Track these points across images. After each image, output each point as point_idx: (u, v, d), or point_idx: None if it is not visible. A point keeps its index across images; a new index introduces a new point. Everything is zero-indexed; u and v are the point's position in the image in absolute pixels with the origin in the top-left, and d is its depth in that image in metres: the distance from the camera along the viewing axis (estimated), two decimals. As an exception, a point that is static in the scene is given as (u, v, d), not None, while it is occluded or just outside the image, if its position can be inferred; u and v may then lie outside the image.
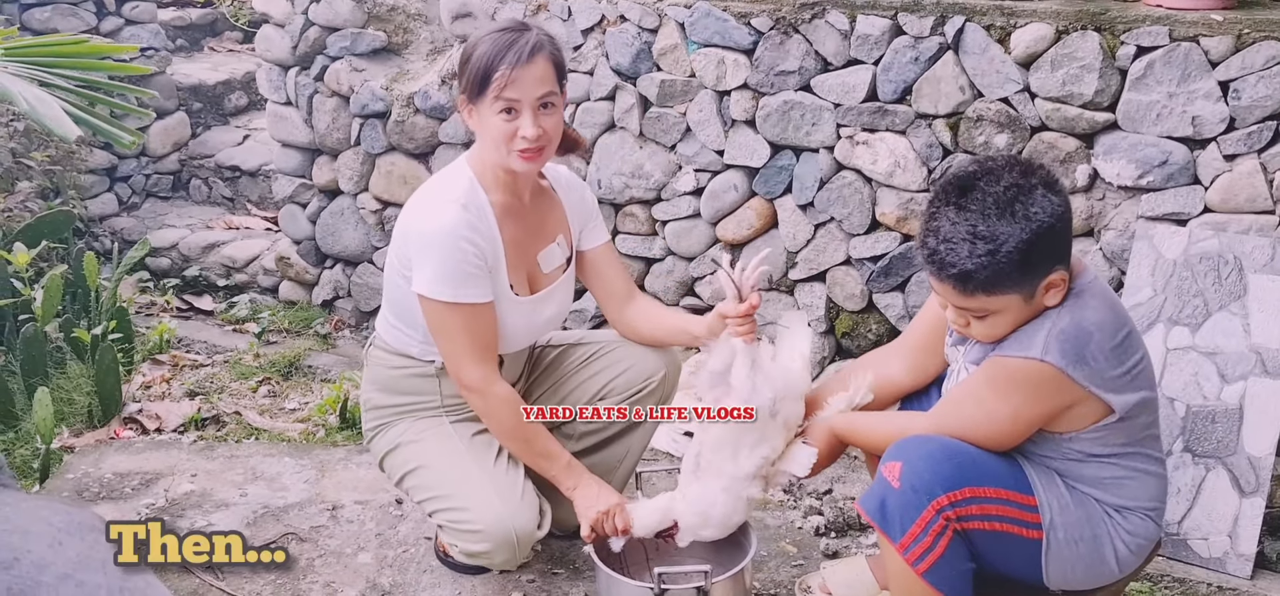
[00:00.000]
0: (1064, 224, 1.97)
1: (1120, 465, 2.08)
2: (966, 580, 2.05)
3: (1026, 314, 2.02)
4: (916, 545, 2.00)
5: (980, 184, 1.97)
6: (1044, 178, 1.98)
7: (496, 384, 2.42)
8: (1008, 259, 1.92)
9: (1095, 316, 1.99)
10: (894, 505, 2.01)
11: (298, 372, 4.08)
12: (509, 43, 2.28)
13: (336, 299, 4.59)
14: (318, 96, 4.32)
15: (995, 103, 3.10)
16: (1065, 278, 1.99)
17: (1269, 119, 2.80)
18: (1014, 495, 2.04)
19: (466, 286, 2.34)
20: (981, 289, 1.97)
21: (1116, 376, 1.99)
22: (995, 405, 2.05)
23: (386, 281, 2.56)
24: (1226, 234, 2.85)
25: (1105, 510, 2.09)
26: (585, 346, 2.71)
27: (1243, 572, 2.70)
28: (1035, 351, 1.97)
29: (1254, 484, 2.72)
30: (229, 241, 4.98)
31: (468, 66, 2.33)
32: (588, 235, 2.62)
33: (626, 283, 2.65)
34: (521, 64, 2.27)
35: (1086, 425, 2.04)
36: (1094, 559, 2.09)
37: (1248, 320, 2.78)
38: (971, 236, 1.93)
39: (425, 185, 2.51)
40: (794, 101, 3.37)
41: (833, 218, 3.42)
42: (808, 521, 2.93)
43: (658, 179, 3.68)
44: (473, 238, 2.34)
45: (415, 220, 2.40)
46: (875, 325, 3.44)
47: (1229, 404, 2.77)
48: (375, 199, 4.33)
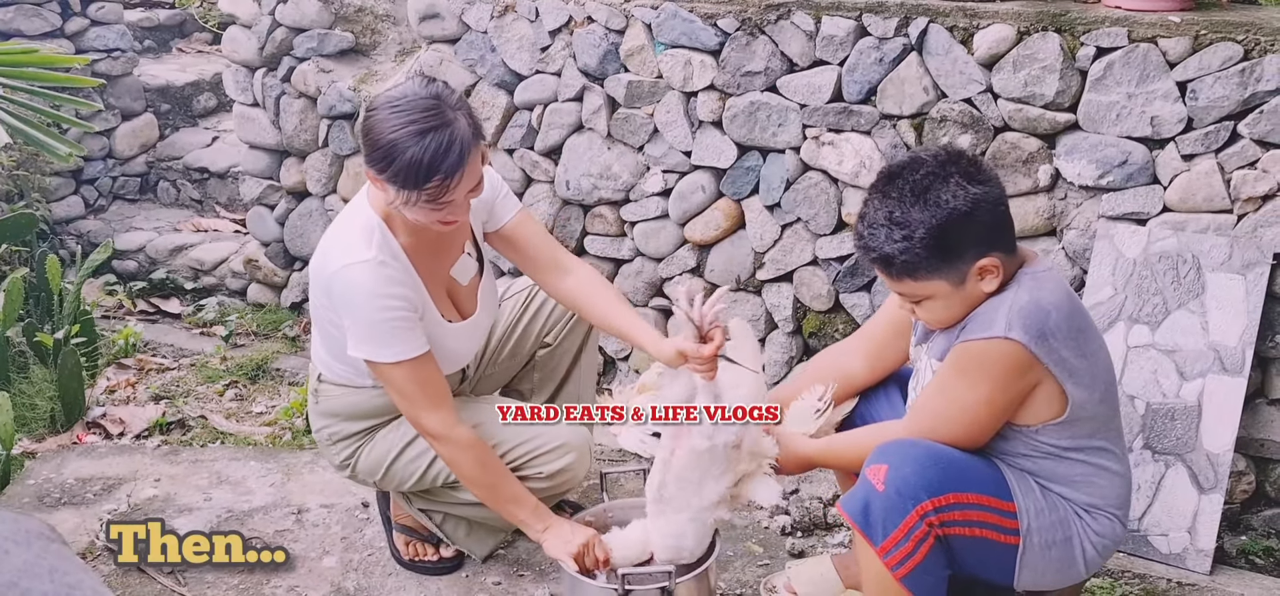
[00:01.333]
0: (985, 211, 2.00)
1: (1088, 462, 2.11)
2: (942, 585, 2.07)
3: (965, 299, 2.06)
4: (898, 549, 2.01)
5: (903, 173, 2.05)
6: (964, 168, 2.03)
7: (457, 428, 2.40)
8: (921, 243, 1.99)
9: (1052, 297, 2.03)
10: (878, 508, 2.02)
11: (265, 376, 4.06)
12: (442, 147, 2.15)
13: (305, 301, 4.56)
14: (285, 97, 4.30)
15: (959, 103, 3.12)
16: (997, 264, 2.02)
17: (1226, 119, 2.83)
18: (995, 501, 2.06)
19: (405, 342, 2.31)
20: (903, 273, 2.04)
21: (1072, 359, 2.02)
22: (966, 394, 2.07)
23: (317, 323, 2.51)
24: (1185, 233, 2.88)
25: (1076, 510, 2.11)
26: (511, 298, 2.72)
27: (1202, 568, 2.73)
28: (998, 330, 2.00)
29: (1213, 480, 2.75)
30: (197, 244, 4.95)
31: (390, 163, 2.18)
32: (496, 215, 2.54)
33: (552, 249, 2.56)
34: (458, 172, 2.19)
35: (1049, 416, 2.06)
36: (1065, 561, 2.11)
37: (1206, 318, 2.82)
38: (889, 222, 2.02)
39: (333, 235, 2.42)
40: (760, 102, 3.39)
41: (799, 218, 3.43)
42: (774, 521, 2.95)
43: (626, 180, 3.68)
44: (397, 292, 2.31)
45: (335, 280, 2.33)
46: (842, 325, 3.46)
47: (1188, 401, 2.80)
48: (344, 200, 4.30)
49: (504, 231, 2.56)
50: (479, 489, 2.46)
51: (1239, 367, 2.76)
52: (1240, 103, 2.80)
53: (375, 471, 2.57)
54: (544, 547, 2.39)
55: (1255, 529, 2.93)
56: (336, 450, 2.60)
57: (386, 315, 2.30)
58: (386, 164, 2.20)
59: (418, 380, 2.35)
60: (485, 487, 2.45)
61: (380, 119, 2.22)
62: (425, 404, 2.37)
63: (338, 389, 2.55)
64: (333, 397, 2.56)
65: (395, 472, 2.56)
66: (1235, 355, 2.77)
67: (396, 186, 2.22)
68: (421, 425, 2.42)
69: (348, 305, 2.33)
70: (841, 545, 2.87)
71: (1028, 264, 2.09)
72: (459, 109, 2.24)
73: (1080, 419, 2.06)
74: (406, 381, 2.35)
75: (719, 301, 2.22)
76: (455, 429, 2.40)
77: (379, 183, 2.25)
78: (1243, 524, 2.95)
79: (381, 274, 2.30)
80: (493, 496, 2.46)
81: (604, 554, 2.35)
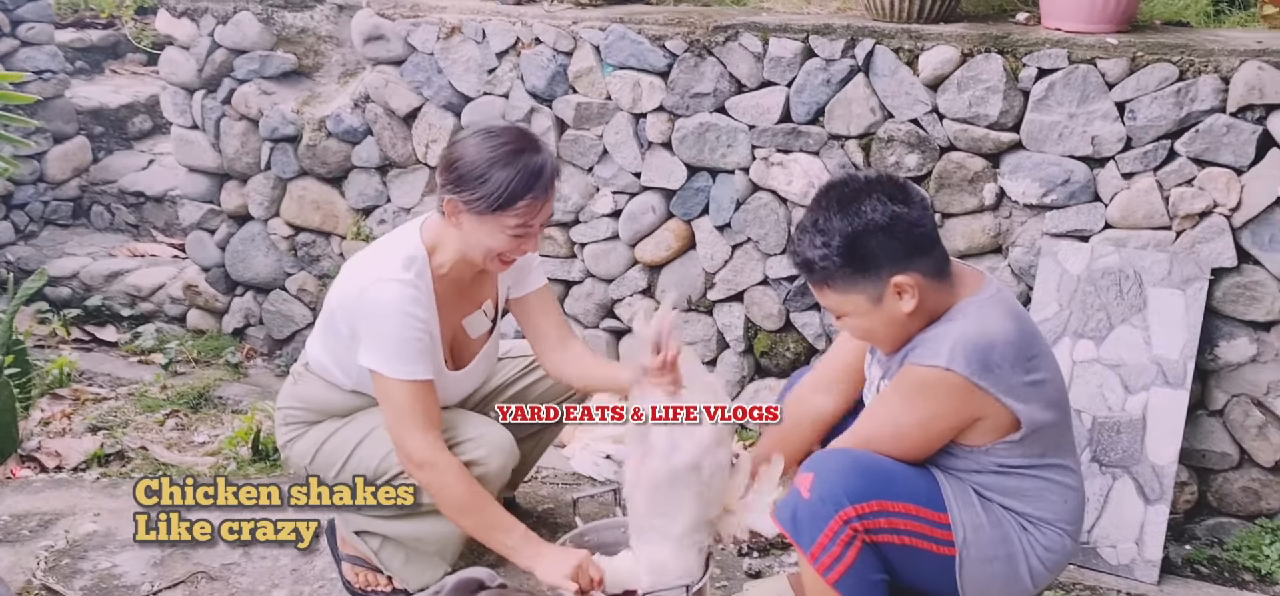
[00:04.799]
0: (901, 228, 2.04)
1: (1037, 477, 2.13)
2: (878, 590, 2.07)
3: (885, 318, 2.09)
4: (826, 554, 2.03)
5: (836, 187, 2.12)
6: (889, 188, 2.08)
7: (442, 453, 2.41)
8: (837, 251, 2.05)
9: (1000, 326, 2.04)
10: (804, 515, 2.05)
11: (207, 404, 3.96)
12: (534, 172, 2.31)
13: (248, 327, 4.48)
14: (225, 120, 4.22)
15: (905, 124, 3.17)
16: (916, 283, 2.05)
17: (1163, 138, 2.90)
18: (925, 511, 2.08)
19: (418, 364, 2.39)
20: (822, 280, 2.10)
21: (1023, 384, 2.04)
22: (905, 414, 2.10)
23: (328, 322, 2.55)
24: (1127, 249, 2.95)
25: (1022, 523, 2.13)
26: (513, 360, 2.80)
27: (1150, 578, 2.78)
28: (941, 360, 2.02)
29: (1158, 491, 2.81)
30: (133, 269, 4.83)
31: (480, 184, 2.31)
32: (524, 281, 2.66)
33: (560, 328, 2.69)
34: (546, 194, 2.34)
35: (997, 437, 2.08)
36: (1009, 577, 2.13)
37: (1149, 332, 2.88)
38: (813, 228, 2.09)
39: (374, 249, 2.54)
40: (709, 123, 3.40)
41: (749, 238, 3.45)
42: (733, 543, 2.94)
43: (575, 201, 3.67)
44: (422, 316, 2.40)
45: (368, 290, 2.41)
46: (793, 344, 3.48)
47: (1133, 414, 2.86)
48: (287, 224, 4.24)
49: (528, 298, 2.66)
50: (465, 515, 2.43)
51: (1181, 380, 2.82)
52: (1176, 122, 2.88)
53: (306, 455, 2.62)
54: (536, 574, 2.35)
55: (1199, 538, 3.00)
56: (286, 430, 2.67)
57: (409, 334, 2.37)
58: (477, 184, 2.31)
59: (416, 403, 2.40)
60: (472, 513, 2.42)
61: (471, 144, 2.35)
62: (418, 425, 2.40)
63: (318, 381, 2.61)
64: (310, 386, 2.63)
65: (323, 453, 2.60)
66: (1177, 368, 2.83)
67: (482, 208, 2.32)
68: (406, 448, 2.41)
69: (374, 317, 2.39)
70: (797, 565, 2.87)
71: (975, 291, 2.11)
72: (543, 143, 2.39)
73: (1034, 437, 2.09)
74: (408, 401, 2.39)
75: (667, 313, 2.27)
76: (442, 453, 2.41)
77: (458, 210, 2.36)
78: (1186, 533, 3.02)
79: (412, 295, 2.39)
80: (479, 521, 2.43)
81: (598, 574, 2.34)
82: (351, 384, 2.57)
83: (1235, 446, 2.96)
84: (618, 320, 3.73)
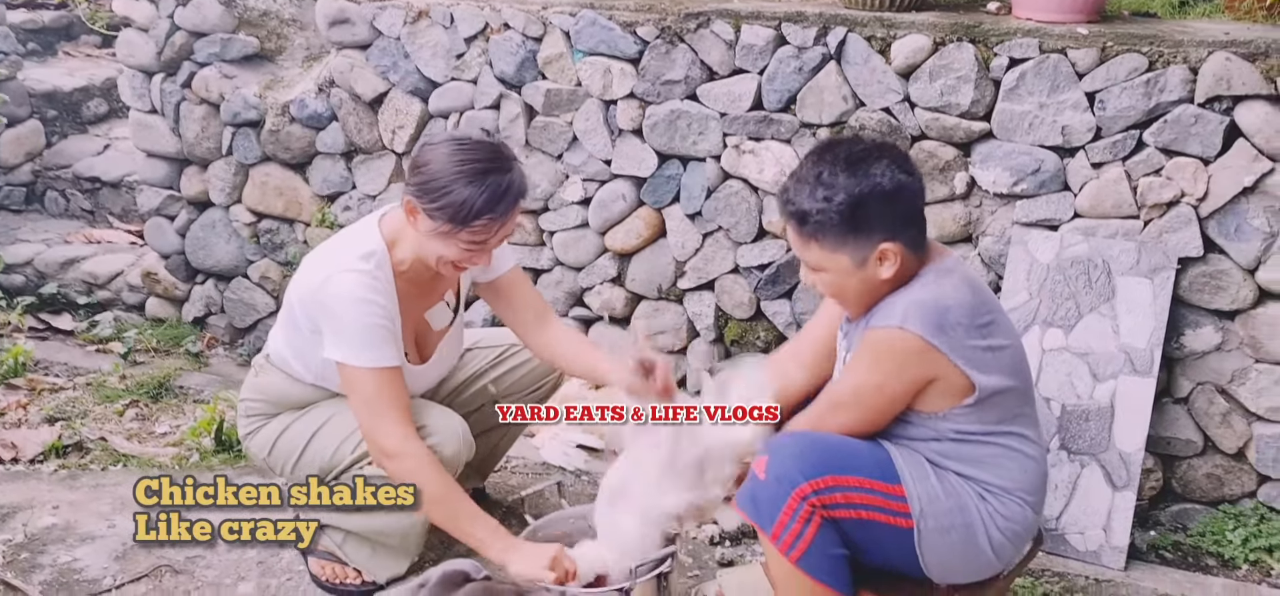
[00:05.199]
0: (903, 199, 2.07)
1: (995, 444, 2.15)
2: (840, 565, 2.08)
3: (862, 281, 2.11)
4: (786, 533, 2.04)
5: (842, 144, 2.13)
6: (896, 156, 2.10)
7: (414, 442, 2.40)
8: (838, 209, 2.05)
9: (954, 294, 2.08)
10: (763, 497, 2.07)
11: (168, 394, 3.89)
12: (498, 194, 2.28)
13: (209, 315, 4.40)
14: (185, 104, 4.14)
15: (877, 112, 3.17)
16: (899, 251, 2.07)
17: (1132, 128, 2.93)
18: (879, 485, 2.09)
19: (382, 350, 2.37)
20: (813, 235, 2.10)
21: (978, 349, 2.07)
22: (864, 377, 2.13)
23: (289, 316, 2.53)
24: (1095, 238, 2.97)
25: (980, 492, 2.14)
26: (483, 350, 2.78)
27: (1117, 564, 2.81)
28: (895, 320, 2.05)
29: (1125, 478, 2.84)
30: (90, 256, 4.72)
31: (442, 195, 2.28)
32: (493, 267, 2.61)
33: (538, 306, 2.67)
34: (507, 215, 2.31)
35: (953, 402, 2.10)
36: (968, 547, 2.14)
37: (1117, 321, 2.90)
38: (816, 181, 2.07)
39: (334, 244, 2.51)
40: (680, 110, 3.38)
41: (720, 226, 3.43)
42: (702, 531, 2.94)
43: (545, 189, 3.64)
44: (382, 303, 2.37)
45: (328, 283, 2.38)
46: (764, 332, 3.47)
47: (1101, 402, 2.88)
48: (249, 211, 4.17)
49: (499, 283, 2.63)
50: (437, 506, 2.41)
51: (1148, 368, 2.85)
52: (1145, 112, 2.90)
53: (265, 447, 2.60)
54: (509, 568, 2.33)
55: (1164, 524, 3.04)
56: (247, 423, 2.65)
57: (371, 321, 2.35)
58: (438, 196, 2.28)
59: (385, 391, 2.37)
60: (445, 505, 2.40)
61: (441, 153, 2.31)
62: (387, 416, 2.37)
63: (279, 374, 2.58)
64: (271, 378, 2.60)
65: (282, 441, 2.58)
66: (1145, 356, 2.86)
67: (441, 219, 2.29)
68: (378, 440, 2.39)
69: (334, 308, 2.37)
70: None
71: (937, 260, 2.14)
72: (515, 162, 2.36)
73: (989, 404, 2.11)
74: (375, 390, 2.37)
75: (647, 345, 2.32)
76: (414, 444, 2.39)
77: (417, 212, 2.32)
78: (1152, 519, 3.06)
79: (371, 283, 2.37)
80: (451, 513, 2.41)
81: (572, 566, 2.33)
82: (312, 378, 2.54)
83: (1200, 433, 2.99)
84: (587, 308, 3.71)
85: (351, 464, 2.51)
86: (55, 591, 2.61)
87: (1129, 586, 2.74)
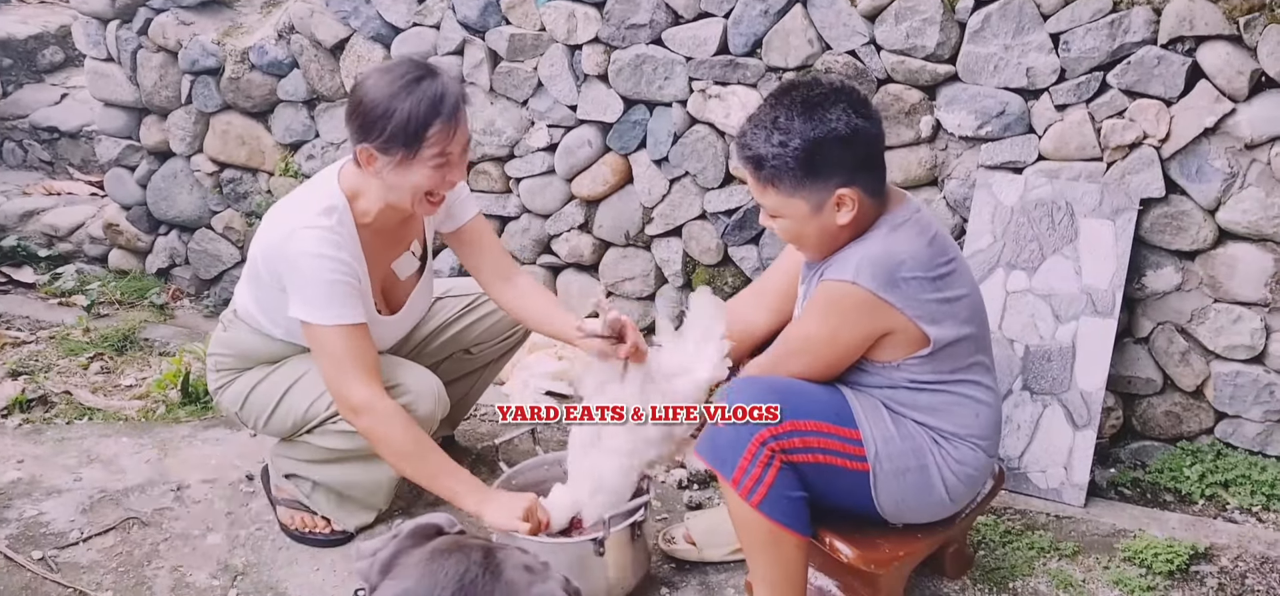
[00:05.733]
0: (860, 143, 2.07)
1: (949, 392, 2.18)
2: (799, 507, 2.11)
3: (819, 228, 2.12)
4: (747, 478, 2.07)
5: (799, 87, 2.12)
6: (854, 99, 2.10)
7: (382, 399, 2.39)
8: (794, 154, 2.05)
9: (908, 246, 2.09)
10: (722, 443, 2.10)
11: (133, 346, 3.86)
12: (436, 98, 2.25)
13: (173, 267, 4.35)
14: (142, 51, 4.06)
15: (843, 55, 3.15)
16: (856, 197, 2.07)
17: (1096, 70, 2.93)
18: (836, 428, 2.12)
19: (346, 307, 2.36)
20: (770, 180, 2.10)
21: (932, 302, 2.08)
22: (816, 327, 2.15)
23: (252, 273, 2.51)
24: (1059, 181, 2.98)
25: (934, 438, 2.18)
26: (452, 299, 2.78)
27: (1077, 501, 2.86)
28: (848, 274, 2.07)
29: (1086, 417, 2.88)
30: (50, 208, 4.66)
31: (384, 122, 2.24)
32: (455, 214, 2.60)
33: (502, 259, 2.66)
34: (455, 118, 2.27)
35: (908, 353, 2.12)
36: (923, 488, 2.17)
37: (1079, 262, 2.93)
38: (772, 125, 2.08)
39: (292, 200, 2.48)
40: (646, 55, 3.35)
41: (687, 172, 3.42)
42: (670, 475, 2.96)
43: (510, 135, 3.61)
44: (344, 259, 2.35)
45: (288, 240, 2.36)
46: (731, 278, 3.48)
47: (1063, 343, 2.92)
48: (211, 160, 4.11)
49: (462, 231, 2.61)
50: (407, 461, 2.41)
51: (1110, 309, 2.88)
52: (1109, 53, 2.90)
53: (236, 402, 2.60)
54: (485, 519, 2.34)
55: (1124, 461, 3.09)
56: (216, 377, 2.64)
57: (334, 278, 2.33)
58: (383, 126, 2.24)
59: (351, 348, 2.36)
60: (414, 459, 2.40)
61: (368, 86, 2.28)
62: (354, 372, 2.36)
63: (247, 329, 2.57)
64: (239, 333, 2.59)
65: (253, 397, 2.57)
66: (1106, 297, 2.89)
67: (395, 149, 2.25)
68: (346, 396, 2.38)
69: (296, 266, 2.35)
70: (737, 496, 2.90)
71: (893, 210, 2.14)
72: (443, 70, 2.32)
73: (944, 354, 2.13)
74: (340, 347, 2.36)
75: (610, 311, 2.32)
76: (381, 400, 2.38)
77: (372, 157, 2.29)
78: (1112, 457, 3.11)
79: (332, 239, 2.34)
80: (422, 467, 2.41)
81: (546, 516, 2.34)
82: (282, 333, 2.53)
83: (1159, 372, 3.04)
84: (555, 255, 3.70)
85: (325, 420, 2.51)
86: (22, 544, 2.60)
87: (1088, 522, 2.79)
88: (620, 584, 2.39)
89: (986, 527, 2.73)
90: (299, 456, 2.60)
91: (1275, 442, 2.94)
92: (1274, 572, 2.57)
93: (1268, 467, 2.91)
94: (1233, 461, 2.94)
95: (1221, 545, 2.67)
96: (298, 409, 2.53)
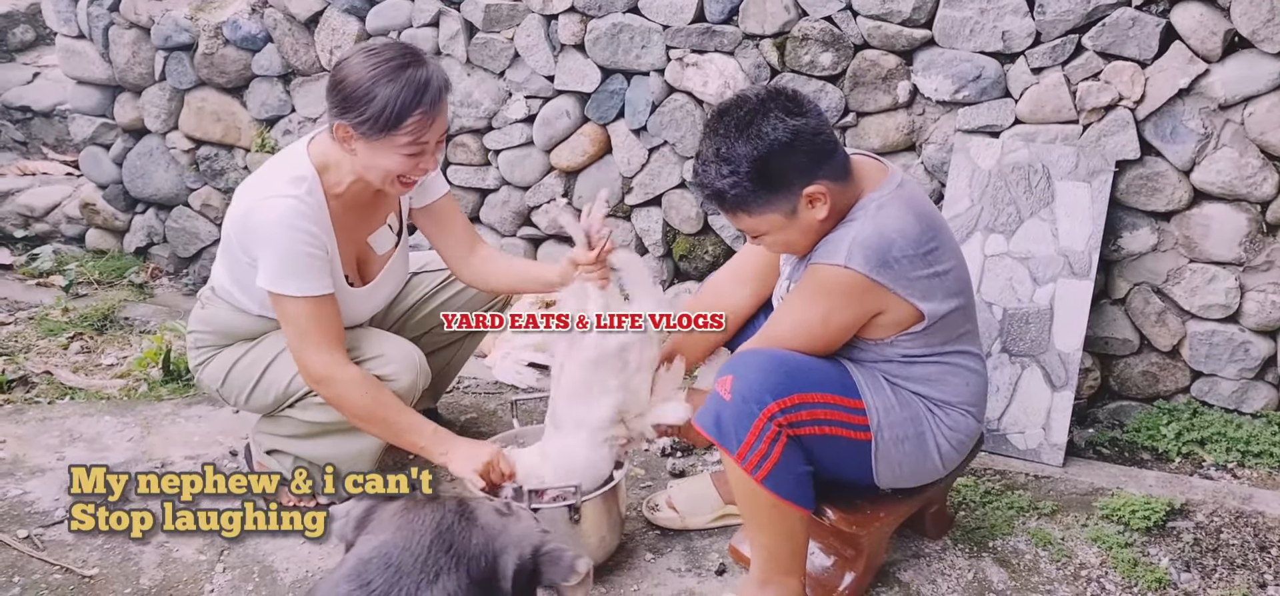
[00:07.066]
0: (805, 142, 2.05)
1: (942, 364, 2.20)
2: (804, 482, 2.12)
3: (802, 228, 2.12)
4: (753, 453, 2.06)
5: (730, 111, 2.10)
6: (784, 102, 2.08)
7: (344, 367, 2.40)
8: (747, 177, 2.05)
9: (897, 224, 2.08)
10: (728, 417, 2.08)
11: (113, 326, 3.84)
12: (420, 86, 2.24)
13: (151, 245, 4.33)
14: (114, 28, 4.02)
15: (820, 21, 3.15)
16: (825, 191, 2.07)
17: (1071, 33, 2.94)
18: (841, 399, 2.13)
19: (311, 278, 2.36)
20: (736, 207, 2.10)
21: (923, 278, 2.09)
22: (807, 311, 2.15)
23: (226, 248, 2.52)
24: (1036, 144, 3.00)
25: (929, 406, 2.20)
26: (431, 273, 2.79)
27: (1055, 460, 2.89)
28: (840, 258, 2.07)
29: (1064, 378, 2.91)
30: (25, 188, 4.62)
31: (365, 104, 2.24)
32: (427, 191, 2.61)
33: (468, 234, 2.67)
34: (435, 108, 2.27)
35: (900, 330, 2.14)
36: (919, 455, 2.20)
37: (1056, 225, 2.95)
38: (717, 158, 2.07)
39: (262, 173, 2.48)
40: (622, 23, 3.34)
41: (666, 141, 3.42)
42: (654, 444, 2.98)
43: (488, 107, 3.60)
44: (312, 230, 2.35)
45: (253, 211, 2.37)
46: (711, 246, 3.49)
47: (1041, 305, 2.94)
48: (187, 137, 4.08)
49: (432, 208, 2.62)
50: (373, 424, 2.43)
51: (1086, 271, 2.91)
52: (1084, 16, 2.91)
53: (217, 378, 2.60)
54: (450, 468, 2.38)
55: (1101, 421, 3.13)
56: (196, 354, 2.65)
57: (299, 249, 2.33)
58: (364, 104, 2.24)
59: (315, 318, 2.37)
60: (379, 422, 2.43)
61: (354, 63, 2.28)
62: (317, 342, 2.37)
63: (225, 305, 2.57)
64: (217, 310, 2.59)
65: (234, 373, 2.58)
66: (1083, 259, 2.92)
67: (372, 129, 2.25)
68: (308, 365, 2.39)
69: (262, 237, 2.35)
70: (720, 464, 2.92)
71: (876, 188, 2.14)
72: (429, 57, 2.32)
73: (937, 327, 2.15)
74: (305, 317, 2.36)
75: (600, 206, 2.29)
76: (343, 367, 2.40)
77: (349, 135, 2.29)
78: (1089, 417, 3.14)
79: (299, 209, 2.34)
80: (387, 428, 2.44)
81: (509, 468, 2.35)
82: (258, 309, 2.53)
83: (1136, 333, 3.07)
84: (535, 227, 3.70)
85: (306, 394, 2.51)
86: (7, 524, 2.60)
87: (1067, 481, 2.82)
88: (602, 548, 2.41)
89: (966, 488, 2.76)
90: (281, 431, 2.61)
91: (1250, 400, 2.98)
92: (1248, 527, 2.61)
93: (1243, 424, 2.95)
94: (1208, 419, 2.98)
95: (1197, 501, 2.71)
96: (278, 384, 2.53)
